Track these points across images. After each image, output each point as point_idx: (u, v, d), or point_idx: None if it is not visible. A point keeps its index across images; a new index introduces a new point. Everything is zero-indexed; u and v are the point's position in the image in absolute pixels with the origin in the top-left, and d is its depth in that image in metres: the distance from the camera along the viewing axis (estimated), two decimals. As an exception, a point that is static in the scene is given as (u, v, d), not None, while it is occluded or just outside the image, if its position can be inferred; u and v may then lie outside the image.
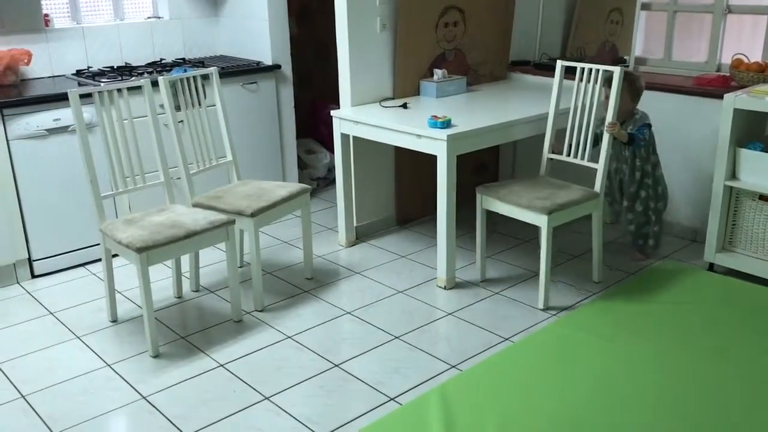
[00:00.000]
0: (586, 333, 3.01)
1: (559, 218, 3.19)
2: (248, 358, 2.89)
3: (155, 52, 4.40)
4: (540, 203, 3.18)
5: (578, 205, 3.25)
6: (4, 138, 3.42)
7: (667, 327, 3.05)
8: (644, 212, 3.63)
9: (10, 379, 2.78)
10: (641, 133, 3.42)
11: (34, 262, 3.63)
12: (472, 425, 2.40)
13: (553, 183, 3.44)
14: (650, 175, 3.56)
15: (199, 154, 3.44)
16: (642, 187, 3.58)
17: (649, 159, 3.55)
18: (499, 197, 3.31)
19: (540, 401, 2.55)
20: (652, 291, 3.38)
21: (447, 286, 3.43)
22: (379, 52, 3.85)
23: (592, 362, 2.80)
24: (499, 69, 4.46)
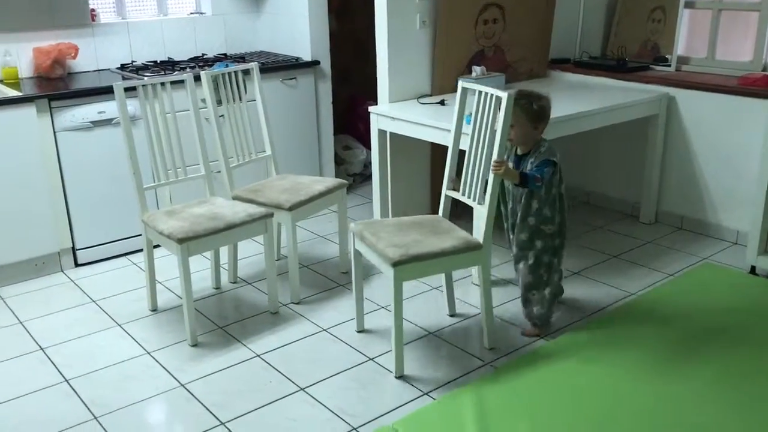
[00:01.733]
0: (624, 334, 2.98)
1: (411, 272, 2.64)
2: (284, 350, 2.92)
3: (197, 48, 4.47)
4: (392, 251, 2.60)
5: (444, 257, 2.65)
6: (51, 129, 3.51)
7: (708, 331, 3.01)
8: (535, 267, 2.91)
9: (54, 363, 2.86)
10: (540, 171, 2.73)
11: (78, 251, 3.73)
12: (506, 423, 2.40)
13: (438, 227, 2.85)
14: (549, 222, 2.86)
15: (239, 148, 3.49)
16: (537, 236, 2.89)
17: (548, 201, 2.84)
18: (362, 236, 2.80)
19: (575, 401, 2.54)
20: (691, 294, 3.33)
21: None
22: (417, 49, 3.85)
23: (632, 363, 2.77)
24: (539, 67, 4.43)
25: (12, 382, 2.74)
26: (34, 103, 3.44)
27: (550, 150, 2.80)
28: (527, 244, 2.90)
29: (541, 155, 2.78)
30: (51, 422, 2.50)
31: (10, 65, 3.81)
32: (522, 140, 2.81)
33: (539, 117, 2.78)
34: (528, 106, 2.75)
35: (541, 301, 2.94)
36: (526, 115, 2.74)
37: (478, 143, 2.81)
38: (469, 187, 2.89)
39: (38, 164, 3.48)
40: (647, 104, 3.94)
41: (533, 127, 2.78)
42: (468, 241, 2.74)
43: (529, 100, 2.77)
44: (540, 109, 2.78)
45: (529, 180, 2.75)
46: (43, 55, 3.85)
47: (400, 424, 2.40)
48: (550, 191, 2.84)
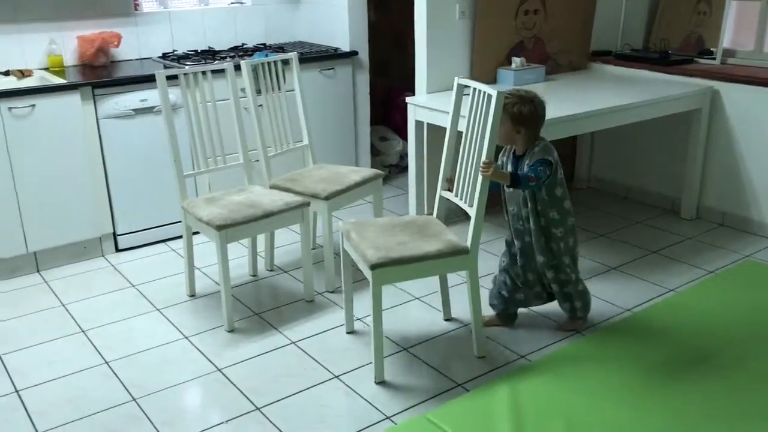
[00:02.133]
0: (663, 330, 2.94)
1: (391, 276, 2.57)
2: (319, 337, 2.94)
3: (237, 37, 4.51)
4: (371, 253, 2.54)
5: (427, 261, 2.56)
6: (95, 117, 3.58)
7: (750, 328, 2.95)
8: (559, 267, 2.84)
9: (95, 345, 2.93)
10: (534, 171, 2.63)
11: (119, 236, 3.80)
12: (541, 417, 2.38)
13: (428, 229, 2.76)
14: (559, 224, 2.78)
15: (277, 138, 3.51)
16: (551, 239, 2.80)
17: (554, 204, 2.75)
18: (348, 236, 2.75)
19: (612, 397, 2.51)
20: (732, 291, 3.27)
21: (518, 276, 3.38)
22: (456, 40, 3.83)
23: (671, 359, 2.73)
24: (579, 59, 4.38)
25: (55, 362, 2.81)
26: (78, 90, 3.50)
27: (544, 149, 2.69)
28: (546, 247, 2.80)
29: (535, 155, 2.68)
30: (92, 402, 2.55)
31: (56, 53, 3.89)
32: (503, 139, 2.70)
33: (520, 120, 2.65)
34: (510, 108, 2.64)
35: (579, 295, 2.91)
36: (507, 115, 2.64)
37: (472, 143, 2.70)
38: (462, 189, 2.77)
39: (82, 151, 3.55)
40: (690, 98, 3.86)
41: (515, 130, 2.67)
42: (454, 246, 2.62)
43: (514, 102, 2.65)
44: (521, 113, 2.64)
45: (521, 181, 2.63)
46: (87, 43, 3.92)
47: (434, 414, 2.40)
48: (552, 192, 2.74)
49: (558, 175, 2.74)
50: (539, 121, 2.72)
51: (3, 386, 2.66)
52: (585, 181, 4.71)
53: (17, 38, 3.81)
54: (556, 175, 2.72)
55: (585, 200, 4.48)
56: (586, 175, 4.70)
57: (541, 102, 2.72)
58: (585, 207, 4.36)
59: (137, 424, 2.44)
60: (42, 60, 3.89)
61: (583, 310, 2.95)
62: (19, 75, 3.70)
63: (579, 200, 4.49)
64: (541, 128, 2.74)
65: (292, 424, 2.43)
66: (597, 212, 4.27)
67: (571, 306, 2.93)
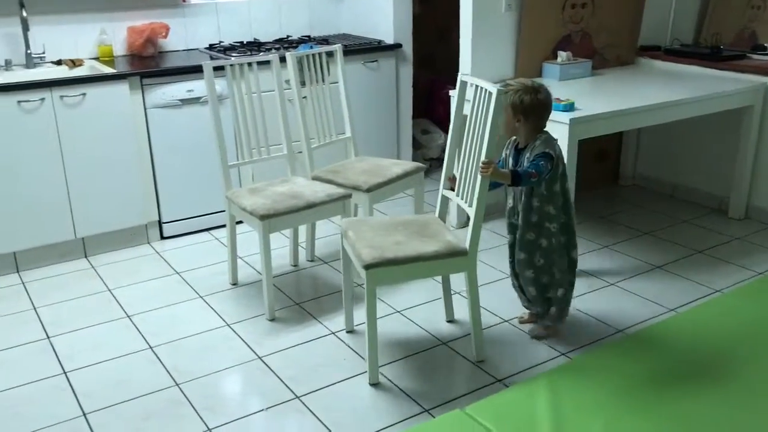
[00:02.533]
0: (709, 331, 2.88)
1: (385, 276, 2.52)
2: (358, 329, 2.96)
3: (282, 29, 4.54)
4: (366, 253, 2.50)
5: (423, 262, 2.50)
6: (143, 106, 3.65)
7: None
8: (545, 267, 2.74)
9: (140, 330, 2.99)
10: (535, 166, 2.53)
11: (164, 224, 3.87)
12: (581, 414, 2.36)
13: (427, 229, 2.70)
14: (554, 220, 2.69)
15: (320, 130, 3.53)
16: (542, 234, 2.71)
17: (551, 199, 2.66)
18: (347, 234, 2.70)
19: (654, 397, 2.47)
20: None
21: (560, 273, 3.35)
22: (502, 33, 3.79)
23: (717, 360, 2.68)
24: (627, 53, 4.30)
25: (101, 345, 2.88)
26: (127, 80, 3.57)
27: (545, 142, 2.60)
28: (533, 244, 2.71)
29: (536, 148, 2.59)
30: (136, 386, 2.61)
31: (106, 43, 3.97)
32: (505, 129, 2.64)
33: (520, 109, 2.57)
34: (512, 96, 2.57)
35: (557, 302, 2.77)
36: (510, 104, 2.57)
37: (474, 141, 2.61)
38: (463, 189, 2.70)
39: (130, 140, 3.63)
40: (742, 94, 3.76)
41: (515, 119, 2.59)
42: (452, 247, 2.55)
43: (516, 89, 2.58)
44: (521, 102, 2.56)
45: (522, 178, 2.54)
46: (136, 34, 3.99)
47: (473, 409, 2.39)
48: (551, 188, 2.65)
49: (558, 170, 2.64)
50: (542, 112, 2.62)
51: (52, 367, 2.74)
52: (630, 178, 4.63)
53: (70, 28, 3.89)
54: (557, 170, 2.62)
55: (629, 197, 4.41)
56: (631, 172, 4.62)
57: (546, 93, 2.62)
58: (629, 204, 4.29)
59: (179, 409, 2.49)
60: (93, 50, 3.98)
61: (555, 318, 2.81)
62: (71, 64, 3.79)
63: (623, 197, 4.42)
64: (544, 120, 2.65)
65: (330, 413, 2.45)
66: (641, 210, 4.20)
67: (544, 311, 2.82)
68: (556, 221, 2.69)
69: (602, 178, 4.59)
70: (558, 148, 2.63)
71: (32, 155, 3.40)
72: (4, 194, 3.38)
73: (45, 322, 3.07)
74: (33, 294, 3.32)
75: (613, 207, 4.26)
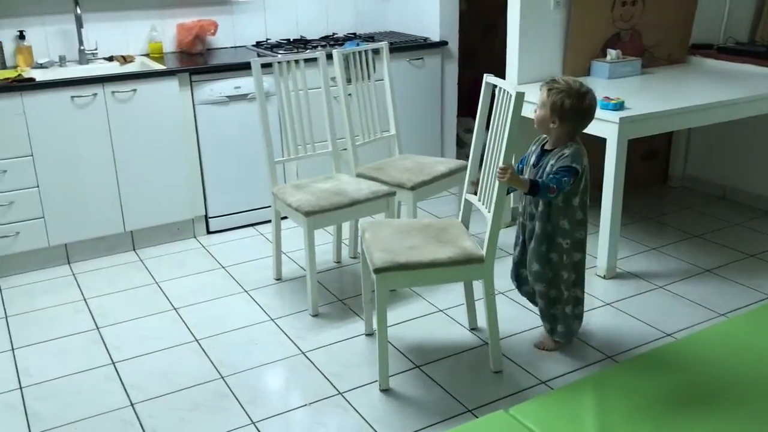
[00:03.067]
0: (760, 337, 2.79)
1: (396, 281, 2.48)
2: (400, 327, 2.96)
3: (328, 27, 4.56)
4: (378, 257, 2.45)
5: (437, 268, 2.45)
6: (191, 102, 3.70)
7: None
8: (554, 282, 2.64)
9: (186, 323, 3.04)
10: (557, 180, 2.40)
11: (210, 219, 3.92)
12: (628, 419, 2.31)
13: (446, 233, 2.64)
14: (567, 235, 2.57)
15: (365, 127, 3.53)
16: (553, 249, 2.61)
17: (568, 212, 2.54)
18: (364, 237, 2.65)
19: (704, 405, 2.41)
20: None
21: (607, 275, 3.31)
22: (550, 30, 3.75)
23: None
24: (678, 52, 4.20)
25: (148, 337, 2.93)
26: (176, 76, 3.63)
27: (574, 155, 2.44)
28: (545, 258, 2.60)
29: (562, 159, 2.45)
30: (182, 378, 2.66)
31: (156, 40, 4.04)
32: (538, 124, 2.51)
33: (558, 111, 2.43)
34: (555, 95, 2.44)
35: (564, 319, 2.68)
36: (550, 101, 2.44)
37: (495, 144, 2.54)
38: (484, 193, 2.61)
39: (179, 135, 3.68)
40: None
41: (551, 120, 2.46)
42: (468, 253, 2.49)
43: (560, 89, 2.44)
44: (562, 104, 2.42)
45: (540, 189, 2.42)
46: (186, 31, 4.05)
47: (517, 410, 2.37)
48: (569, 200, 2.52)
49: (581, 184, 2.50)
50: (580, 120, 2.48)
51: (101, 358, 2.80)
52: (679, 179, 4.53)
53: (122, 25, 3.97)
54: (579, 184, 2.49)
55: (678, 199, 4.31)
56: (681, 173, 4.52)
57: (592, 100, 2.47)
58: (678, 206, 4.20)
59: (224, 401, 2.52)
60: (143, 46, 4.05)
61: (563, 335, 2.72)
62: (122, 61, 3.86)
63: (672, 199, 4.33)
64: (580, 129, 2.51)
65: (373, 411, 2.45)
66: (691, 212, 4.11)
67: (552, 328, 2.73)
68: (569, 237, 2.56)
69: (650, 178, 4.50)
70: (585, 162, 2.49)
71: (84, 149, 3.48)
72: (58, 188, 3.46)
73: (95, 313, 3.14)
74: (83, 285, 3.40)
75: (661, 208, 4.18)
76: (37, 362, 2.78)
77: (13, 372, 2.72)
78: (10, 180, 3.36)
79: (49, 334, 2.97)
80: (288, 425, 2.40)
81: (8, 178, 3.35)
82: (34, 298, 3.29)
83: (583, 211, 2.57)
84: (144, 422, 2.42)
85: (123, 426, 2.41)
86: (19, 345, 2.90)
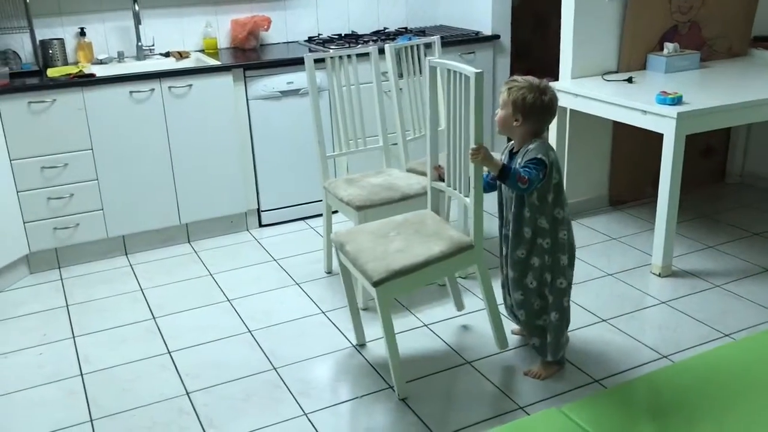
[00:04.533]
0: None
1: (397, 288, 2.41)
2: (450, 322, 2.95)
3: (379, 21, 4.56)
4: (373, 267, 2.37)
5: (433, 265, 2.40)
6: (245, 98, 3.75)
7: None
8: (538, 291, 2.51)
9: (239, 314, 3.09)
10: (528, 172, 2.31)
11: (262, 212, 3.98)
12: (685, 421, 2.26)
13: (425, 227, 2.60)
14: (547, 235, 2.45)
15: (416, 121, 3.53)
16: (534, 252, 2.49)
17: (544, 210, 2.43)
18: (343, 249, 2.56)
19: (766, 406, 2.35)
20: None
21: (662, 273, 3.24)
22: (605, 23, 3.68)
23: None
24: (739, 44, 4.08)
25: (202, 327, 3.00)
26: (230, 72, 3.68)
27: (539, 147, 2.36)
28: (524, 263, 2.49)
29: (528, 152, 2.37)
30: (236, 368, 2.70)
31: (211, 36, 4.11)
32: (500, 124, 2.44)
33: (521, 108, 2.36)
34: (515, 92, 2.37)
35: (552, 329, 2.53)
36: (511, 99, 2.38)
37: (456, 128, 2.51)
38: (454, 178, 2.59)
39: (233, 130, 3.74)
40: None
41: (513, 118, 2.38)
42: (458, 242, 2.46)
43: (520, 86, 2.37)
44: (524, 99, 2.35)
45: (511, 176, 2.33)
46: (240, 26, 4.11)
47: (570, 408, 2.34)
48: (544, 197, 2.41)
49: (553, 180, 2.40)
50: (542, 116, 2.40)
51: (157, 347, 2.87)
52: (737, 176, 4.40)
53: (178, 21, 4.05)
54: (550, 178, 2.39)
55: (737, 196, 4.19)
56: (740, 170, 4.39)
57: (552, 96, 2.40)
58: (736, 204, 4.08)
59: (276, 392, 2.56)
60: (198, 42, 4.12)
61: (552, 350, 2.54)
62: (178, 56, 3.94)
63: (730, 196, 4.21)
64: (543, 125, 2.43)
65: (424, 405, 2.45)
66: (750, 210, 3.99)
67: (540, 342, 2.56)
68: (549, 236, 2.45)
69: (707, 175, 4.38)
70: (553, 156, 2.40)
71: (142, 143, 3.57)
72: (116, 181, 3.56)
73: (151, 303, 3.22)
74: (140, 276, 3.49)
75: (718, 205, 4.07)
76: (96, 350, 2.87)
77: (74, 359, 2.81)
78: (71, 173, 3.46)
79: (107, 323, 3.06)
80: (339, 418, 2.43)
81: (69, 171, 3.45)
82: (94, 288, 3.39)
83: (562, 209, 2.45)
84: (199, 411, 2.48)
85: (179, 414, 2.47)
86: (80, 333, 3.00)
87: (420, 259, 2.42)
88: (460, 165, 2.54)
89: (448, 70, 2.52)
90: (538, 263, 2.48)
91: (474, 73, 2.34)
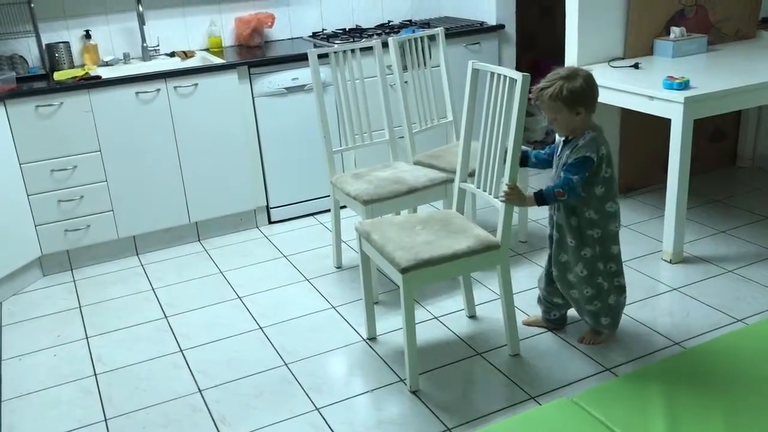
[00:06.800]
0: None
1: (422, 278, 2.43)
2: (461, 314, 2.95)
3: (384, 15, 4.55)
4: (401, 255, 2.41)
5: (458, 260, 2.43)
6: (250, 95, 3.76)
7: None
8: (590, 278, 2.55)
9: (250, 311, 3.10)
10: (566, 182, 2.35)
11: (271, 209, 3.99)
12: (698, 407, 2.25)
13: (451, 224, 2.61)
14: (595, 225, 2.48)
15: (422, 114, 3.52)
16: (584, 242, 2.51)
17: (590, 202, 2.45)
18: (369, 238, 2.59)
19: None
20: None
21: (673, 260, 3.22)
22: (610, 9, 3.65)
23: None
24: (747, 27, 4.03)
25: (214, 325, 3.01)
26: (236, 70, 3.69)
27: (589, 144, 2.36)
28: (576, 252, 2.52)
29: (578, 149, 2.37)
30: (248, 364, 2.72)
31: (215, 34, 4.12)
32: (565, 128, 2.42)
33: (577, 99, 2.34)
34: (558, 92, 2.34)
35: (607, 311, 2.60)
36: (560, 102, 2.35)
37: (492, 129, 2.53)
38: (485, 180, 2.60)
39: (239, 128, 3.75)
40: None
41: (575, 112, 2.36)
42: (485, 241, 2.48)
43: (559, 83, 2.35)
44: (574, 92, 2.33)
45: (547, 198, 2.40)
46: (244, 24, 4.11)
47: (582, 398, 2.33)
48: (591, 190, 2.43)
49: (601, 173, 2.41)
50: (593, 92, 2.39)
51: (170, 345, 2.89)
52: (748, 160, 4.36)
53: (182, 21, 4.06)
54: (598, 173, 2.40)
55: (748, 180, 4.16)
56: (750, 153, 4.35)
57: (582, 71, 2.39)
58: (748, 187, 4.05)
59: (288, 388, 2.57)
60: (203, 41, 4.13)
61: (610, 326, 2.64)
62: (183, 56, 3.95)
63: (741, 179, 4.18)
64: (593, 108, 2.41)
65: (436, 397, 2.46)
66: (761, 193, 3.95)
67: (596, 321, 2.63)
68: (597, 227, 2.48)
69: (718, 159, 4.34)
70: (604, 150, 2.40)
71: (149, 144, 3.59)
72: (125, 181, 3.58)
73: (163, 302, 3.24)
74: (151, 275, 3.51)
75: (729, 190, 4.03)
76: (109, 350, 2.89)
77: (87, 359, 2.84)
78: (80, 175, 3.49)
79: (120, 323, 3.09)
80: (351, 412, 2.43)
81: (78, 173, 3.48)
82: (106, 288, 3.42)
83: (614, 202, 2.48)
84: (211, 408, 2.49)
85: (192, 411, 2.48)
86: (93, 333, 3.02)
87: (448, 251, 2.44)
88: (494, 167, 2.55)
89: (491, 73, 2.54)
90: (590, 253, 2.51)
91: (521, 76, 2.35)
